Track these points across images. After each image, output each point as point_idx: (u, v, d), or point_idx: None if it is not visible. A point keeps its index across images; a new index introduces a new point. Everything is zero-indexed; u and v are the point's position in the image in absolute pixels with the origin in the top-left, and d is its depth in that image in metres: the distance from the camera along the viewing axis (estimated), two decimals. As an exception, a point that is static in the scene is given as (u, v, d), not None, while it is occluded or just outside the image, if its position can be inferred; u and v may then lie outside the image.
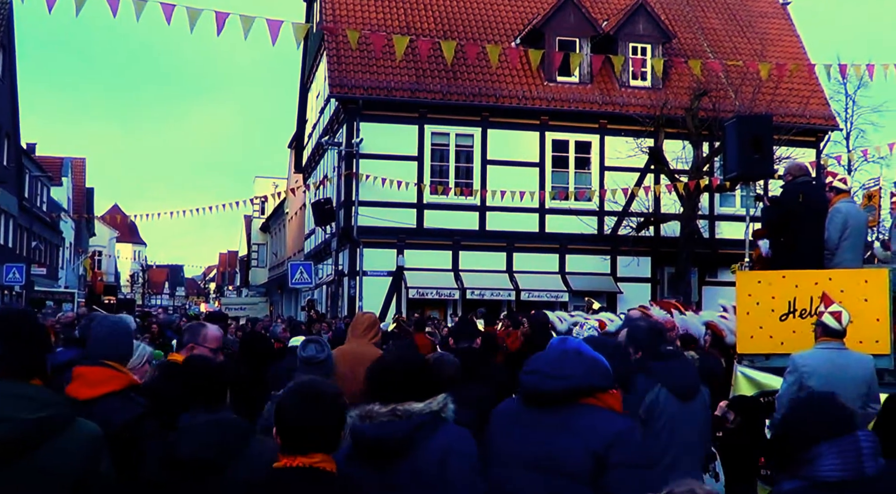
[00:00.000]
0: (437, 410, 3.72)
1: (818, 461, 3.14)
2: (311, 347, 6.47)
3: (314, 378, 3.69)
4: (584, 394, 3.83)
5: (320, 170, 35.32)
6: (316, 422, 3.35)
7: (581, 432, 3.74)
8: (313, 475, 3.32)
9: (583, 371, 3.86)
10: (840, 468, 3.12)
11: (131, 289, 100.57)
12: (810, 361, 7.10)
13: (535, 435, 3.81)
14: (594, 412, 3.82)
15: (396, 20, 30.75)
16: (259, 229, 64.33)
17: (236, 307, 46.15)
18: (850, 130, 41.86)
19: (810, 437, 3.17)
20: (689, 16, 33.90)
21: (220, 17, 12.50)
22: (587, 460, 3.68)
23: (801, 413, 3.25)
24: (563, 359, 3.91)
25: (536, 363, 3.96)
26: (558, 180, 29.89)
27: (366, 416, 3.68)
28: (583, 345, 4.11)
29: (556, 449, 3.74)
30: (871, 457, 3.15)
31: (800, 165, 10.74)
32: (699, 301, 26.70)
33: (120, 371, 4.80)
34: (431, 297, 28.31)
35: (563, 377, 3.82)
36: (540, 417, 3.85)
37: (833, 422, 3.18)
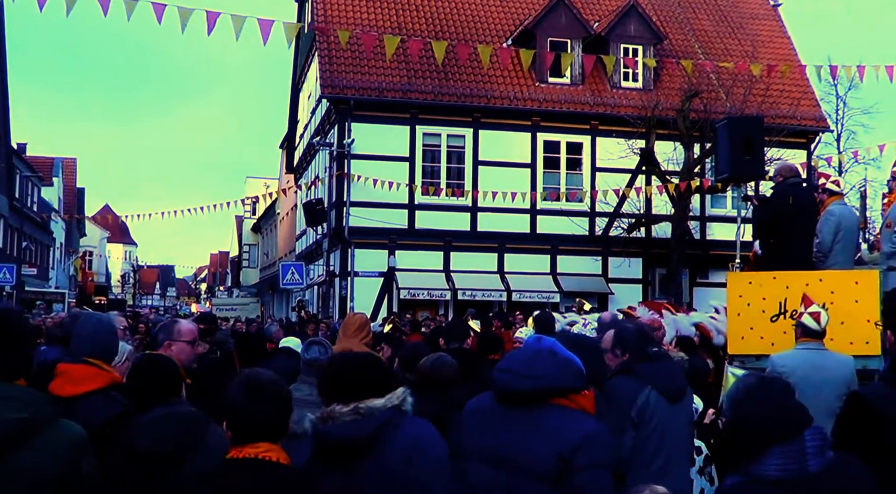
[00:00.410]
0: (398, 404, 3.71)
1: (762, 459, 3.14)
2: (315, 349, 6.49)
3: (257, 370, 3.72)
4: (555, 394, 3.82)
5: (312, 170, 35.28)
6: (258, 412, 3.42)
7: (549, 433, 3.73)
8: (258, 464, 3.37)
9: (555, 372, 3.85)
10: (782, 467, 3.11)
11: (122, 289, 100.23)
12: (789, 361, 7.11)
13: (503, 434, 3.81)
14: (564, 413, 3.81)
15: (388, 21, 30.73)
16: (250, 229, 64.22)
17: (227, 308, 46.16)
18: (841, 131, 42.03)
19: (757, 445, 3.16)
20: (680, 17, 33.95)
21: (212, 17, 12.48)
22: (553, 462, 3.67)
23: (751, 420, 3.20)
24: (535, 359, 3.90)
25: (509, 362, 3.97)
26: (549, 181, 29.91)
27: (328, 417, 3.66)
28: (557, 345, 4.09)
29: (523, 449, 3.73)
30: (816, 455, 3.14)
31: (790, 167, 10.76)
32: (690, 302, 26.70)
33: (102, 369, 4.80)
34: (423, 298, 28.30)
35: (534, 377, 3.81)
36: (510, 415, 3.85)
37: (782, 430, 3.16)
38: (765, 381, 3.30)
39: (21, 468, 3.27)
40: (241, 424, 3.43)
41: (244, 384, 3.50)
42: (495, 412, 3.91)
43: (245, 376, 3.58)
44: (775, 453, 3.12)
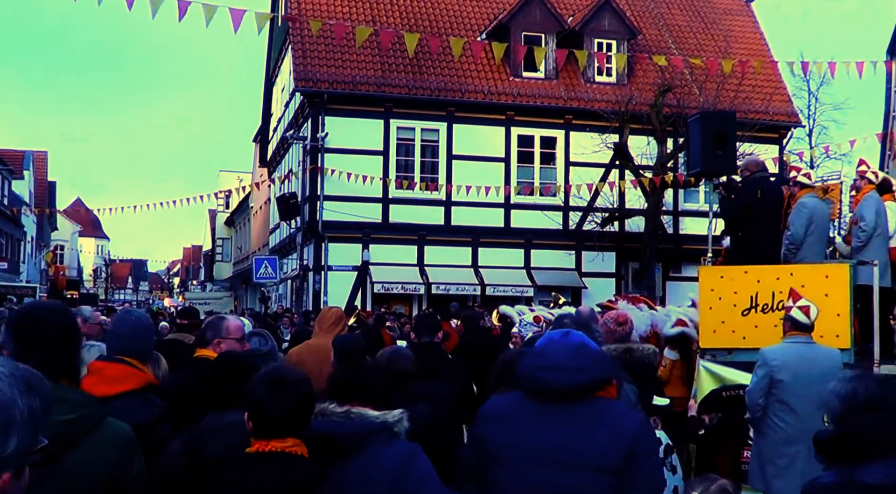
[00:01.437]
0: (391, 422, 3.69)
1: (864, 466, 3.14)
2: (255, 340, 6.43)
3: (281, 365, 3.74)
4: (599, 387, 3.84)
5: (285, 164, 35.17)
6: (286, 407, 3.48)
7: (611, 423, 3.74)
8: (287, 458, 3.45)
9: (598, 364, 3.88)
10: (882, 476, 3.12)
11: (94, 284, 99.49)
12: (780, 355, 7.17)
13: (558, 432, 3.74)
14: (613, 404, 3.86)
15: (362, 14, 30.64)
16: (223, 223, 63.94)
17: (200, 302, 45.89)
18: (813, 126, 42.32)
19: (868, 455, 3.15)
20: (654, 12, 34.06)
21: (183, 6, 12.39)
22: (619, 451, 3.67)
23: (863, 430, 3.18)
24: (579, 353, 3.87)
25: (554, 358, 3.87)
26: (523, 176, 29.94)
27: (319, 413, 3.68)
28: (586, 338, 4.08)
29: (584, 443, 3.69)
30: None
31: (756, 161, 10.86)
32: (663, 296, 26.84)
33: (139, 370, 4.62)
34: (397, 292, 28.27)
35: (585, 371, 3.80)
36: (558, 412, 3.78)
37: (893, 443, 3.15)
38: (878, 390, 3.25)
39: (72, 468, 3.21)
40: (267, 419, 3.48)
41: (268, 379, 3.56)
42: (533, 412, 3.84)
43: (269, 371, 3.66)
44: (880, 463, 3.13)
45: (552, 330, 4.35)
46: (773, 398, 7.17)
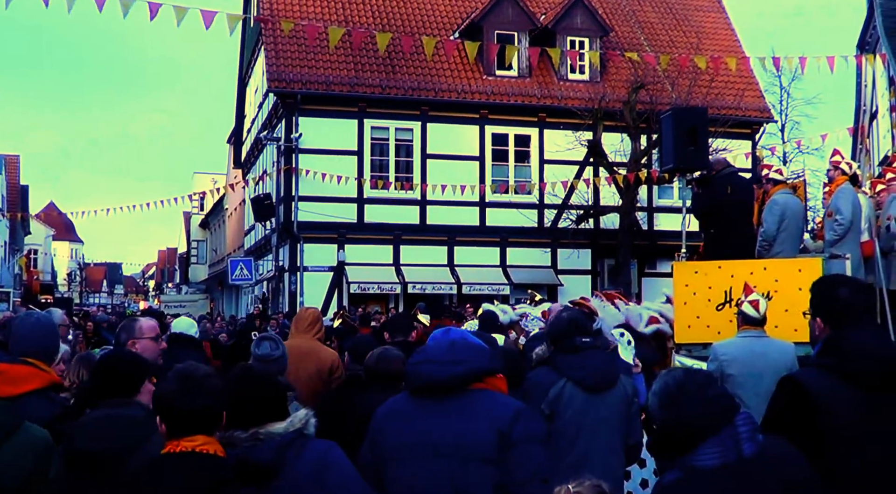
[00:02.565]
0: (299, 428, 3.65)
1: (697, 450, 3.16)
2: (266, 344, 6.41)
3: (189, 363, 3.67)
4: (476, 378, 3.94)
5: (259, 165, 35.06)
6: (191, 404, 3.42)
7: (484, 413, 3.84)
8: (197, 458, 3.37)
9: (474, 356, 3.98)
10: (718, 455, 3.14)
11: (69, 288, 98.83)
12: (730, 349, 7.17)
13: (436, 423, 3.86)
14: (489, 394, 3.94)
15: (334, 14, 30.58)
16: (198, 225, 63.62)
17: (176, 305, 45.65)
18: (785, 122, 42.61)
19: (692, 440, 3.18)
20: (626, 10, 34.18)
21: (154, 7, 12.33)
22: (494, 439, 3.76)
23: (680, 419, 3.21)
24: (453, 346, 4.00)
25: (428, 354, 4.04)
26: (498, 174, 29.96)
27: (228, 443, 3.57)
28: (466, 333, 4.25)
29: (461, 434, 3.80)
30: (750, 439, 3.17)
31: (721, 159, 11.03)
32: (639, 292, 26.92)
33: (41, 370, 4.69)
34: (373, 291, 28.24)
35: (457, 363, 3.91)
36: (438, 406, 3.90)
37: (713, 422, 3.18)
38: (686, 377, 3.31)
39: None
40: (176, 417, 3.43)
41: (178, 378, 3.49)
42: (417, 407, 3.97)
43: (176, 368, 3.57)
44: (709, 443, 3.15)
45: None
46: (724, 391, 7.19)
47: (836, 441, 3.68)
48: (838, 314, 4.09)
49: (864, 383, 3.78)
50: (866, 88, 27.06)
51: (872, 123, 26.21)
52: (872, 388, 3.78)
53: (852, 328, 3.97)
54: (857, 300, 4.11)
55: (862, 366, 3.80)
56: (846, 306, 4.08)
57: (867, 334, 3.95)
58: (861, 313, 4.09)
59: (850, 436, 3.71)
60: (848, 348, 3.88)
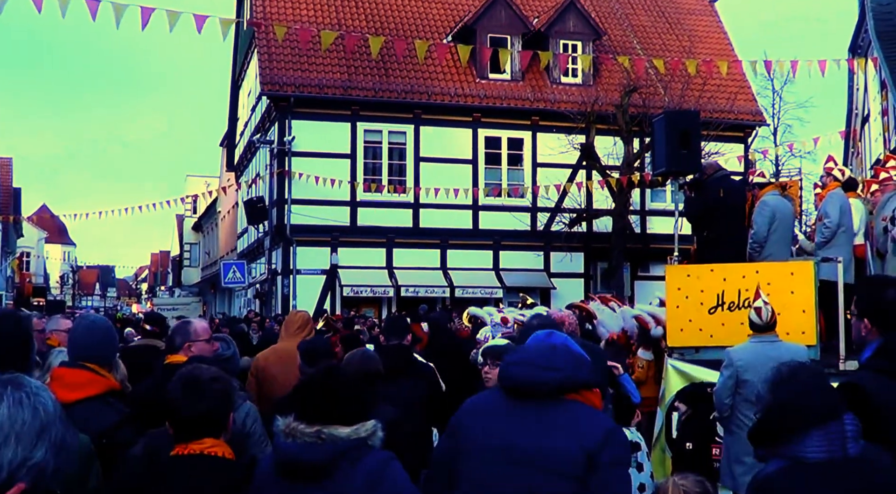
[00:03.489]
0: (364, 437, 3.51)
1: (804, 442, 3.18)
2: (218, 345, 6.38)
3: (196, 366, 3.64)
4: (572, 389, 3.76)
5: (252, 168, 35.03)
6: (200, 407, 3.43)
7: (574, 429, 3.65)
8: (205, 460, 3.38)
9: (573, 365, 3.78)
10: (825, 449, 3.17)
11: (61, 290, 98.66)
12: (744, 355, 7.21)
13: (523, 430, 3.70)
14: (583, 409, 3.75)
15: (327, 17, 30.58)
16: (191, 228, 63.55)
17: (169, 308, 45.52)
18: (777, 125, 42.73)
19: (799, 425, 3.20)
20: (618, 13, 34.23)
21: (146, 13, 12.33)
22: (580, 457, 3.58)
23: (790, 401, 3.24)
24: (553, 352, 3.82)
25: (525, 355, 3.86)
26: (491, 177, 30.01)
27: (289, 433, 3.48)
28: (569, 340, 4.02)
29: (547, 445, 3.63)
30: (855, 439, 3.21)
31: (713, 163, 11.05)
32: (631, 296, 26.97)
33: (100, 375, 4.59)
34: (366, 295, 28.23)
35: (555, 369, 3.72)
36: (525, 412, 3.73)
37: (824, 410, 3.20)
38: (804, 365, 3.35)
39: None
40: (182, 421, 3.43)
41: (183, 382, 3.49)
42: (505, 409, 3.79)
43: (182, 372, 3.57)
44: (817, 435, 3.17)
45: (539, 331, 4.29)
46: (739, 397, 7.21)
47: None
48: (888, 316, 4.06)
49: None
50: (858, 92, 27.13)
51: (864, 126, 26.26)
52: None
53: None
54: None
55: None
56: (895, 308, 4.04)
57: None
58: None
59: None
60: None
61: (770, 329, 7.29)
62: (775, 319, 7.35)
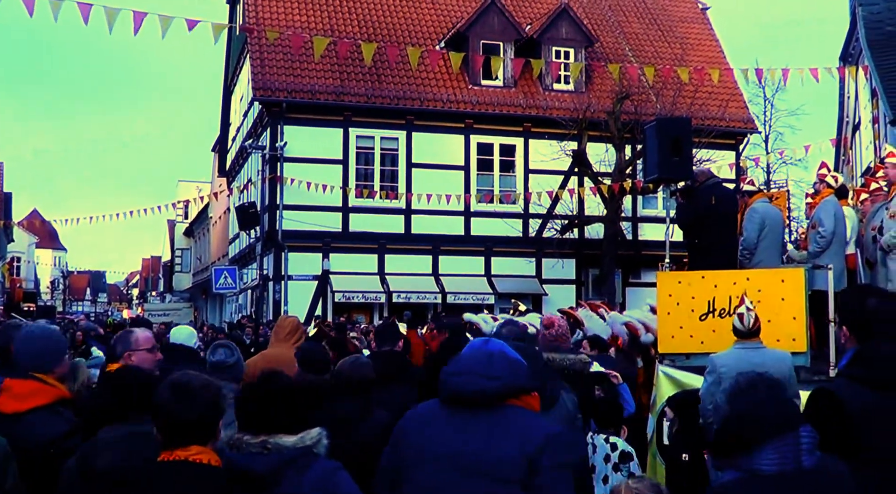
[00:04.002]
0: (309, 445, 3.56)
1: (759, 454, 3.19)
2: (221, 351, 6.37)
3: (185, 372, 3.62)
4: (511, 395, 3.79)
5: (244, 174, 34.99)
6: (189, 414, 3.40)
7: (514, 434, 3.69)
8: (189, 467, 3.34)
9: (511, 372, 3.81)
10: (779, 462, 3.17)
11: (52, 296, 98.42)
12: (728, 361, 7.19)
13: (466, 438, 3.72)
14: (523, 413, 3.79)
15: (320, 23, 30.59)
16: (182, 233, 63.48)
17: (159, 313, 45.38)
18: (769, 132, 42.76)
19: (753, 438, 3.21)
20: (611, 20, 34.30)
21: (138, 17, 12.31)
22: (522, 462, 3.62)
23: (746, 413, 3.26)
24: (491, 359, 3.84)
25: (464, 364, 3.87)
26: (483, 183, 30.00)
27: (234, 445, 3.52)
28: (506, 346, 4.03)
29: (488, 452, 3.67)
30: (810, 452, 3.21)
31: (705, 170, 11.09)
32: (623, 302, 26.97)
33: (48, 384, 4.59)
34: (357, 301, 28.22)
35: (493, 377, 3.75)
36: (466, 420, 3.76)
37: (778, 423, 3.21)
38: (761, 377, 3.35)
39: None
40: (170, 426, 3.40)
41: (173, 387, 3.46)
42: (446, 417, 3.83)
43: (172, 378, 3.53)
44: (771, 448, 3.18)
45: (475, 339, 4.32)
46: (723, 403, 7.20)
47: (869, 450, 3.70)
48: (867, 324, 4.09)
49: (893, 392, 3.79)
50: (849, 100, 27.24)
51: (855, 134, 26.37)
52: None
53: (881, 338, 3.97)
54: (886, 311, 4.12)
55: (890, 377, 3.80)
56: (873, 317, 4.08)
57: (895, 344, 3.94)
58: (890, 323, 4.08)
59: (883, 446, 3.72)
60: (877, 358, 3.88)
61: (754, 335, 7.27)
62: (759, 325, 7.33)
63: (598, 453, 6.88)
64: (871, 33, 22.05)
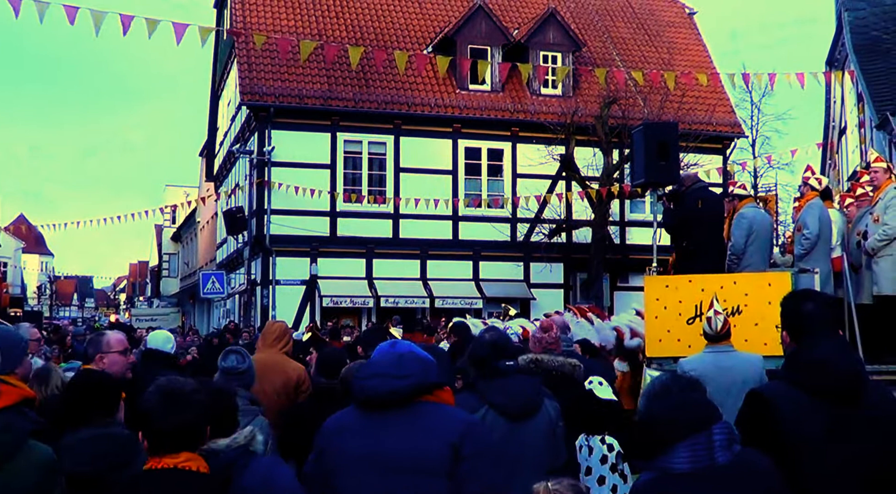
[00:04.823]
0: (244, 444, 3.55)
1: (671, 454, 3.26)
2: (232, 357, 6.35)
3: (172, 377, 3.59)
4: (424, 391, 3.92)
5: (232, 178, 34.93)
6: (179, 420, 3.33)
7: (435, 427, 3.83)
8: (179, 475, 3.28)
9: (421, 369, 3.94)
10: (690, 460, 3.24)
11: (38, 301, 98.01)
12: (697, 365, 7.19)
13: (386, 437, 3.84)
14: (440, 408, 3.94)
15: (308, 28, 30.57)
16: (170, 238, 63.35)
17: (147, 318, 45.43)
18: (756, 137, 42.81)
19: (666, 439, 3.28)
20: (598, 25, 34.37)
21: (126, 20, 12.29)
22: (446, 452, 3.77)
23: (659, 416, 3.33)
24: (400, 360, 3.96)
25: (376, 367, 4.00)
26: (471, 188, 30.03)
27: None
28: (414, 346, 4.16)
29: (412, 447, 3.78)
30: (724, 448, 3.27)
31: (691, 175, 11.10)
32: (611, 306, 27.02)
33: (11, 385, 4.51)
34: (345, 305, 28.19)
35: (405, 376, 3.88)
36: (384, 420, 3.88)
37: (689, 424, 3.28)
38: (674, 378, 3.42)
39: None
40: (160, 434, 3.33)
41: (161, 393, 3.39)
42: (366, 421, 3.93)
43: (159, 383, 3.47)
44: (684, 446, 3.24)
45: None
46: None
47: (800, 452, 3.73)
48: (802, 328, 4.14)
49: (828, 396, 3.82)
50: (835, 105, 27.34)
51: (841, 138, 26.47)
52: (835, 401, 3.82)
53: (815, 342, 4.01)
54: (822, 315, 4.15)
55: (822, 380, 3.84)
56: (811, 321, 4.12)
57: (828, 348, 3.97)
58: (825, 327, 4.11)
59: (813, 449, 3.75)
60: (809, 362, 3.92)
61: (723, 339, 7.29)
62: (728, 328, 7.34)
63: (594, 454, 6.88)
64: (856, 38, 22.14)
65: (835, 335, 4.20)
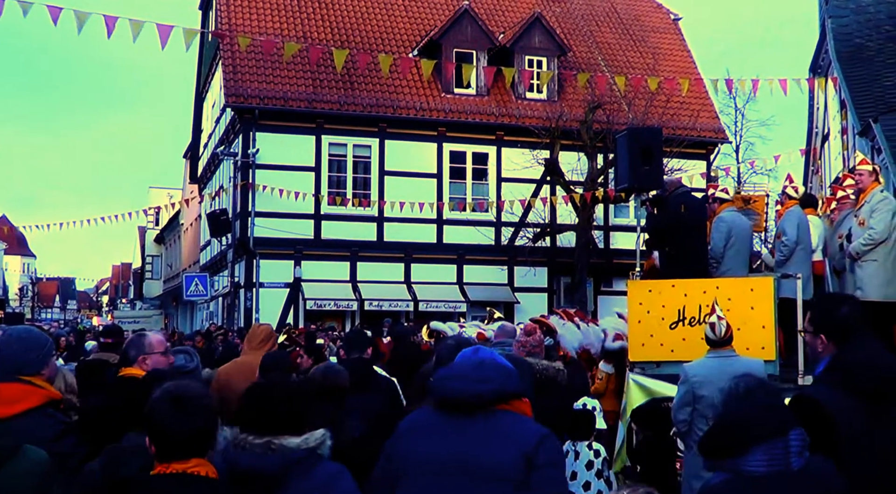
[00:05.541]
0: (313, 447, 3.54)
1: (747, 456, 3.28)
2: (180, 357, 6.33)
3: (180, 382, 3.56)
4: (503, 400, 3.88)
5: (216, 180, 34.85)
6: (189, 427, 3.30)
7: (509, 435, 3.79)
8: (189, 480, 3.26)
9: (503, 377, 3.91)
10: (766, 464, 3.26)
11: (20, 303, 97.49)
12: (700, 370, 7.25)
13: (460, 441, 3.80)
14: (515, 417, 3.89)
15: (293, 30, 30.54)
16: (153, 240, 63.14)
17: (130, 321, 45.15)
18: (740, 142, 43.00)
19: (745, 441, 3.30)
20: (583, 30, 34.46)
21: (110, 21, 12.25)
22: (520, 461, 3.72)
23: (738, 418, 3.36)
24: (482, 365, 3.95)
25: (458, 370, 3.98)
26: (456, 191, 30.05)
27: (238, 444, 3.48)
28: (495, 354, 4.16)
29: (486, 453, 3.75)
30: (799, 454, 3.30)
31: (674, 180, 11.18)
32: (595, 311, 27.06)
33: (37, 386, 4.49)
34: (329, 308, 28.15)
35: (486, 381, 3.85)
36: (463, 424, 3.84)
37: (771, 428, 3.30)
38: (757, 383, 3.46)
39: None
40: (169, 439, 3.30)
41: (170, 398, 3.35)
42: (441, 424, 3.90)
43: (167, 388, 3.44)
44: (760, 450, 3.27)
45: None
46: (697, 412, 7.25)
47: (846, 451, 3.82)
48: (842, 331, 4.27)
49: (869, 396, 3.98)
50: (818, 111, 27.45)
51: (824, 144, 26.57)
52: (876, 400, 3.98)
53: (857, 345, 4.18)
54: (858, 318, 4.32)
55: (867, 381, 3.99)
56: (848, 324, 4.27)
57: (870, 350, 4.15)
58: (862, 330, 4.29)
59: (859, 446, 3.88)
60: (853, 364, 4.07)
61: (726, 344, 7.33)
62: (731, 333, 7.39)
63: (580, 460, 6.91)
64: (840, 45, 22.21)
65: (871, 337, 4.38)
